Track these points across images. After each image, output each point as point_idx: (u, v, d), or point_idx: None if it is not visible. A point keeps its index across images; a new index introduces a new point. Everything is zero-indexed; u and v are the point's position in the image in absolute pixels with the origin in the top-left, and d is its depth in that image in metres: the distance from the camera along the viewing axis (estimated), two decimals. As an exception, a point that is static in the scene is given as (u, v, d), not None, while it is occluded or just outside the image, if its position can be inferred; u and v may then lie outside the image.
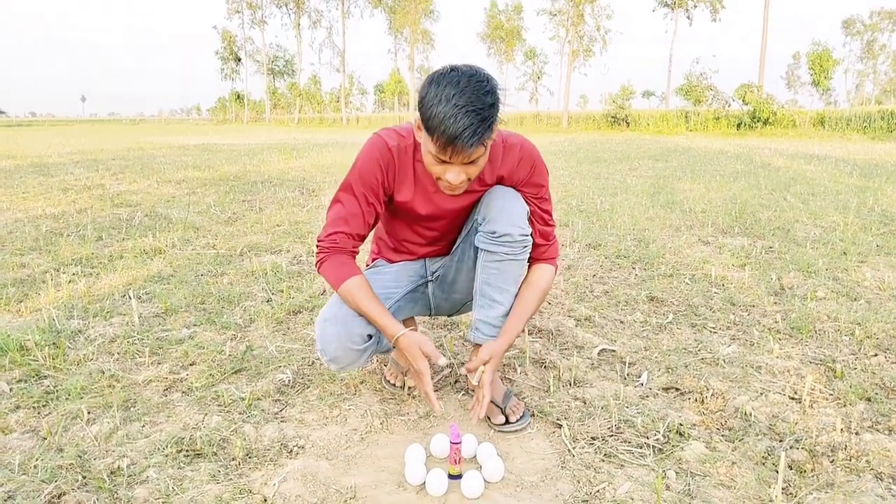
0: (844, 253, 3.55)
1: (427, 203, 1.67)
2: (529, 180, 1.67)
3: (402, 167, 1.62)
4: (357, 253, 1.64)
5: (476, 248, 1.71)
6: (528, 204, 1.67)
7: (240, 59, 63.79)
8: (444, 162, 1.42)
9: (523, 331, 2.36)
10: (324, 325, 1.60)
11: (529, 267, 1.76)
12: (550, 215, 1.74)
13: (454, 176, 1.45)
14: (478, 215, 1.68)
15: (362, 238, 1.64)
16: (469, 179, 1.48)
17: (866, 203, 5.35)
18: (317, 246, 1.62)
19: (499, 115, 1.40)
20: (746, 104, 26.25)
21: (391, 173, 1.61)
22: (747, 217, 4.75)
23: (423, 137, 1.44)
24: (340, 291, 1.58)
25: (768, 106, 25.50)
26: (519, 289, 1.74)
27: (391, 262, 1.87)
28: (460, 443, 1.44)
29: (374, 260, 1.92)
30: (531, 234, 1.66)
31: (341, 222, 1.60)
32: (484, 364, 1.59)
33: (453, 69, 1.39)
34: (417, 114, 1.45)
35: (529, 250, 1.68)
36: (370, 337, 1.63)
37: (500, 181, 1.66)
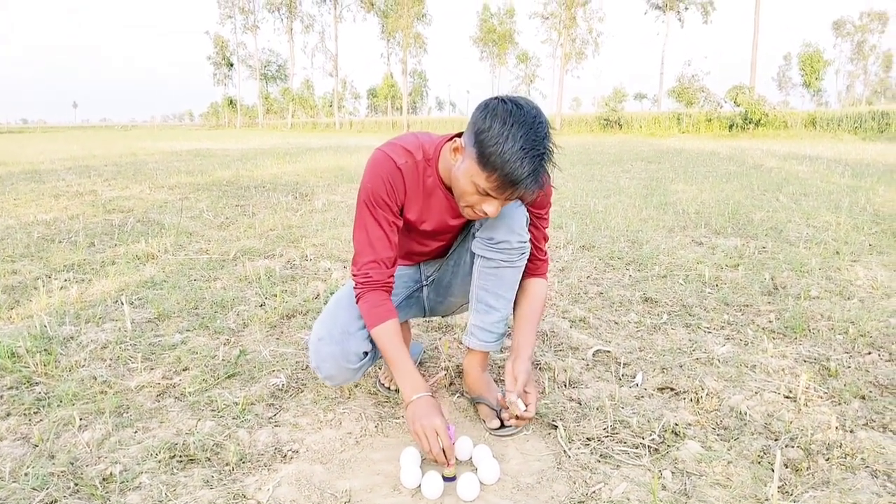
0: (837, 252, 3.56)
1: (434, 220, 1.65)
2: (535, 200, 1.65)
3: (411, 186, 1.58)
4: (391, 284, 1.61)
5: (473, 254, 1.70)
6: (532, 220, 1.66)
7: (232, 65, 63.79)
8: (488, 195, 1.39)
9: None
10: (318, 345, 1.58)
11: (523, 281, 1.75)
12: (545, 232, 1.74)
13: (493, 209, 1.42)
14: (476, 221, 1.67)
15: (392, 261, 1.60)
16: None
17: (858, 203, 5.37)
18: (353, 277, 1.61)
19: None
20: (738, 106, 26.35)
21: (401, 192, 1.57)
22: (740, 217, 4.76)
23: (466, 166, 1.39)
24: (373, 333, 1.56)
25: (760, 107, 25.60)
26: (521, 304, 1.73)
27: None
28: (453, 443, 1.43)
29: None
30: (529, 242, 1.65)
31: (368, 250, 1.57)
32: (523, 387, 1.57)
33: (517, 105, 1.33)
34: (463, 140, 1.42)
35: (527, 257, 1.66)
36: (366, 354, 1.62)
37: None
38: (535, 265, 1.74)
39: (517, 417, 1.56)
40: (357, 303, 1.60)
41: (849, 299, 2.72)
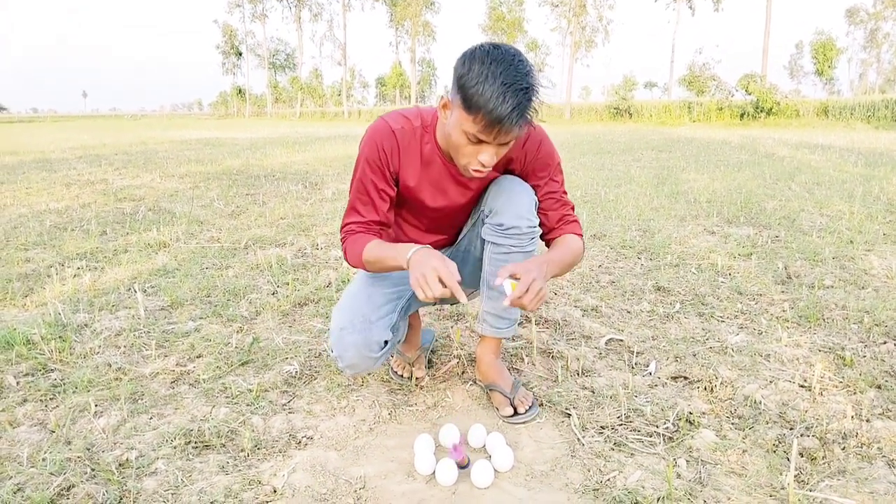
0: (851, 241, 3.53)
1: (432, 189, 1.64)
2: (537, 157, 1.62)
3: (406, 151, 1.58)
4: (373, 231, 1.62)
5: (482, 240, 1.69)
6: (541, 185, 1.64)
7: (241, 54, 63.73)
8: (481, 142, 1.38)
9: (530, 320, 2.35)
10: (340, 334, 1.58)
11: (556, 239, 1.68)
12: (565, 193, 1.69)
13: (489, 157, 1.40)
14: (484, 207, 1.66)
15: (379, 222, 1.62)
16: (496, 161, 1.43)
17: (872, 192, 5.32)
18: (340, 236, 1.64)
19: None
20: (749, 94, 26.14)
21: (395, 157, 1.57)
22: (752, 206, 4.72)
23: (455, 117, 1.39)
24: (364, 261, 1.55)
25: (771, 96, 25.38)
26: (551, 250, 1.67)
27: None
28: (463, 439, 1.41)
29: None
30: (539, 226, 1.64)
31: (353, 212, 1.62)
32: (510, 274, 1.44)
33: (494, 46, 1.34)
34: (448, 94, 1.42)
35: (537, 242, 1.66)
36: (386, 343, 1.62)
37: (510, 163, 1.63)
38: (567, 226, 1.68)
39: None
40: (345, 258, 1.62)
41: (863, 288, 2.70)
